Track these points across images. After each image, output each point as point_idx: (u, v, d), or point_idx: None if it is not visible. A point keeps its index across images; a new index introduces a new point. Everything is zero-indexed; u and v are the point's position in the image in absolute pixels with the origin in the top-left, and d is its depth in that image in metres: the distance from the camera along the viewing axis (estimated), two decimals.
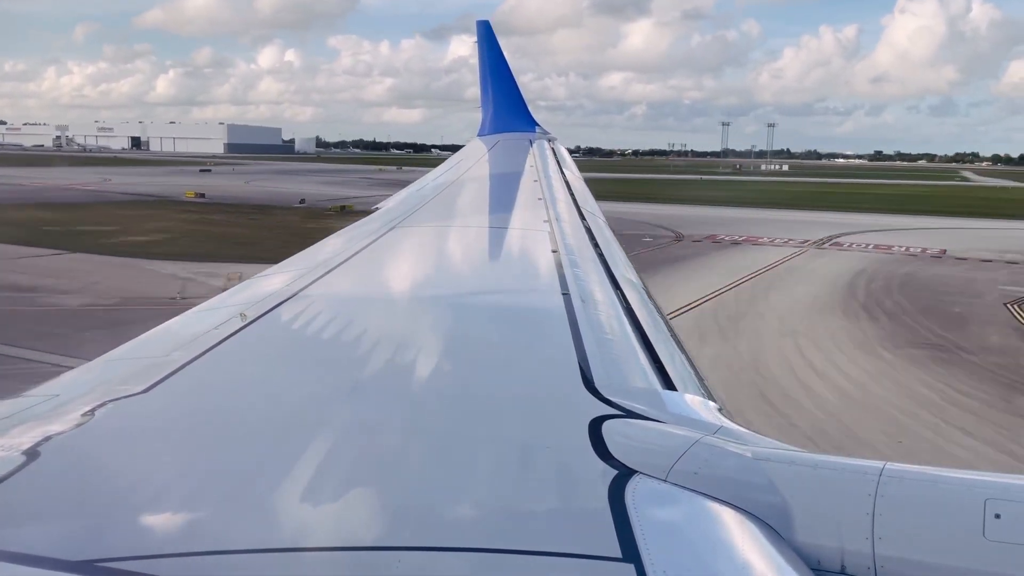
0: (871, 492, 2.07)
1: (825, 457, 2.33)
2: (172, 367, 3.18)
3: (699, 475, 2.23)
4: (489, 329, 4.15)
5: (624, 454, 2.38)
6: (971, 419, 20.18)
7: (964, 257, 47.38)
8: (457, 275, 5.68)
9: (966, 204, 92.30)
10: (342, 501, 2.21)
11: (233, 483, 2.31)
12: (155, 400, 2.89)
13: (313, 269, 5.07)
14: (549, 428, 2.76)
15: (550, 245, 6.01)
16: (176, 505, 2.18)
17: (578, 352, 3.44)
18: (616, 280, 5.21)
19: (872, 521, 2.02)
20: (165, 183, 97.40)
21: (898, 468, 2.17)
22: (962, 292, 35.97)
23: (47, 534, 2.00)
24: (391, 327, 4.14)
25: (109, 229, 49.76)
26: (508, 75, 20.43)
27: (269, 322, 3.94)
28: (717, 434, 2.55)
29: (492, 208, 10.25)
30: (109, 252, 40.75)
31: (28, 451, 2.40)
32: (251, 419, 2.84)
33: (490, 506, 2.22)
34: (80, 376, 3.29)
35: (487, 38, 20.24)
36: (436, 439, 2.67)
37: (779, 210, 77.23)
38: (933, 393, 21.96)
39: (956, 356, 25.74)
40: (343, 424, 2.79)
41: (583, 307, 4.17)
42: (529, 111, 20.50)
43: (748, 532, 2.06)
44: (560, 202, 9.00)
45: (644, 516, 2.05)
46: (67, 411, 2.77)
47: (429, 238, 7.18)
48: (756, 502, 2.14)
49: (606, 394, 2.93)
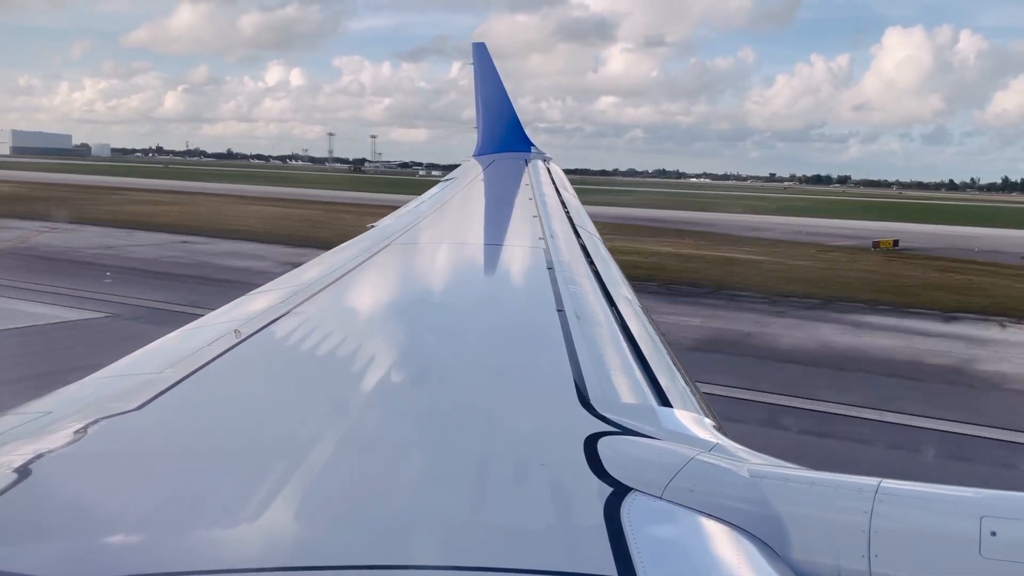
0: (867, 509, 2.07)
1: (821, 474, 2.33)
2: (165, 384, 3.16)
3: (695, 492, 2.22)
4: (484, 346, 4.15)
5: (619, 471, 2.37)
6: None
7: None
8: (452, 292, 5.69)
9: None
10: (335, 519, 2.20)
11: (227, 502, 2.29)
12: (148, 418, 2.87)
13: (308, 286, 5.05)
14: (544, 445, 2.76)
15: (545, 262, 6.03)
16: (169, 524, 2.16)
17: (573, 369, 3.44)
18: (611, 297, 5.22)
19: (868, 539, 2.01)
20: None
21: (894, 485, 2.17)
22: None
23: (39, 553, 1.97)
24: (385, 344, 4.13)
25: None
26: (504, 96, 20.61)
27: (263, 339, 3.93)
28: (713, 451, 2.55)
29: (487, 226, 10.28)
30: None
31: (19, 468, 2.38)
32: (245, 437, 2.83)
33: (485, 523, 2.21)
34: (73, 393, 3.27)
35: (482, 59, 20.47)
36: (431, 456, 2.66)
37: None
38: None
39: None
40: (336, 441, 2.77)
41: (578, 324, 4.17)
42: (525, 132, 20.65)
43: (744, 550, 2.05)
44: (555, 220, 9.03)
45: (640, 533, 2.04)
46: (59, 428, 2.75)
47: (423, 256, 7.18)
48: (752, 520, 2.14)
49: (601, 411, 2.92)
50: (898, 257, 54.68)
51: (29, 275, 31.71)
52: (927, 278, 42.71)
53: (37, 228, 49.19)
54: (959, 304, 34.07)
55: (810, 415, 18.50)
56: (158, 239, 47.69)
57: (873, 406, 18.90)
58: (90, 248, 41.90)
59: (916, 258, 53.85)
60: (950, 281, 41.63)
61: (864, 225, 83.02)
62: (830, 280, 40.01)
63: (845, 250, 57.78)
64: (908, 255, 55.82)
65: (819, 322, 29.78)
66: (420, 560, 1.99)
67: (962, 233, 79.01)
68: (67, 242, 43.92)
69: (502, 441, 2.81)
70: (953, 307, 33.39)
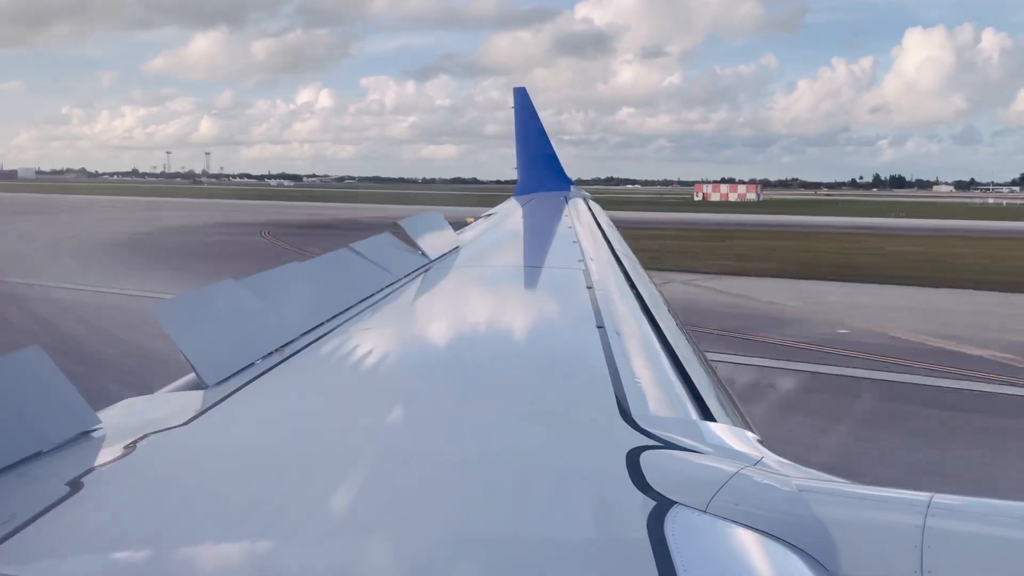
0: (919, 524, 2.00)
1: (870, 489, 2.27)
2: (215, 399, 3.22)
3: (740, 507, 2.18)
4: (527, 362, 4.18)
5: (663, 485, 2.34)
6: None
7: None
8: (495, 310, 5.82)
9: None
10: (380, 535, 2.21)
11: (273, 516, 2.32)
12: (196, 432, 2.93)
13: (355, 304, 5.18)
14: (587, 459, 2.74)
15: (585, 282, 6.14)
16: (217, 538, 2.19)
17: (614, 383, 3.43)
18: (651, 314, 5.22)
19: (920, 554, 1.95)
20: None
21: (946, 500, 2.10)
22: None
23: (88, 567, 2.02)
24: (433, 358, 4.24)
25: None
26: (543, 137, 21.08)
27: (311, 353, 4.00)
28: (758, 465, 2.50)
29: (528, 250, 10.47)
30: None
31: (71, 482, 2.44)
32: (293, 451, 2.86)
33: (529, 537, 2.19)
34: (122, 409, 3.35)
35: (524, 102, 20.97)
36: (474, 468, 2.67)
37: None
38: None
39: None
40: (383, 456, 2.80)
41: (618, 340, 4.18)
42: (564, 171, 20.99)
43: (792, 565, 2.00)
44: (593, 244, 9.18)
45: (684, 547, 2.01)
46: (109, 443, 2.82)
47: (469, 279, 7.30)
48: (799, 534, 2.08)
49: (643, 425, 2.90)
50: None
51: None
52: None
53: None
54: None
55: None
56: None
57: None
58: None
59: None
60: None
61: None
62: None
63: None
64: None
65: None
66: (464, 574, 1.99)
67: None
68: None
69: (545, 455, 2.80)
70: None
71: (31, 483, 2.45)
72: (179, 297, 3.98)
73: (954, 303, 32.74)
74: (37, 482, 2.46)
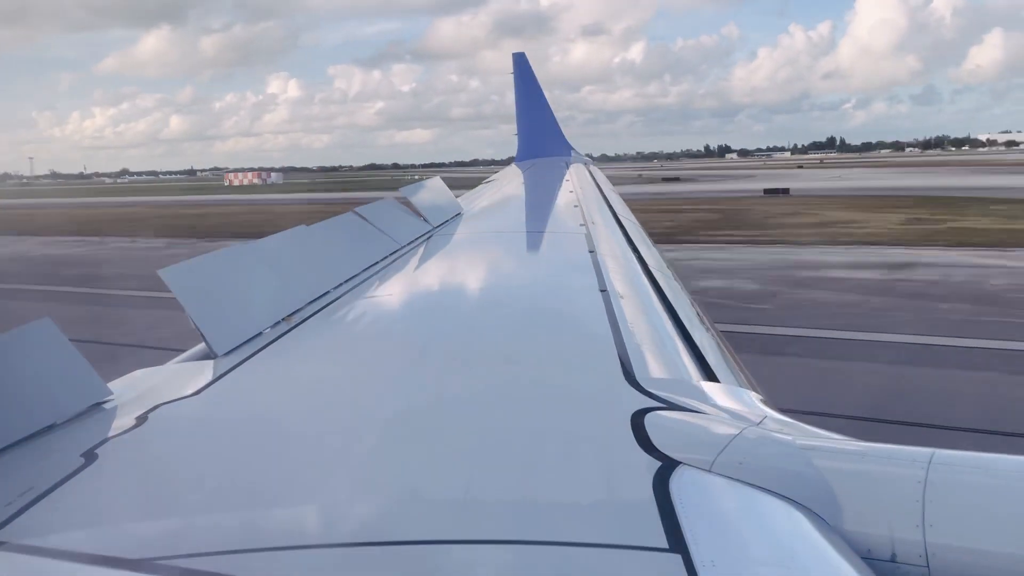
0: (921, 479, 2.03)
1: (872, 445, 2.29)
2: (224, 368, 3.25)
3: (744, 465, 2.21)
4: (531, 325, 4.21)
5: (667, 445, 2.37)
6: None
7: None
8: (500, 275, 5.85)
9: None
10: (389, 495, 2.25)
11: (287, 479, 2.36)
12: (206, 403, 2.96)
13: (361, 272, 5.21)
14: (592, 420, 2.77)
15: (587, 246, 6.13)
16: (229, 507, 2.23)
17: (618, 346, 3.45)
18: (653, 276, 5.24)
19: (922, 508, 1.98)
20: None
21: (948, 454, 2.13)
22: None
23: (106, 534, 2.06)
24: (439, 323, 4.28)
25: None
26: (543, 103, 20.83)
27: (320, 321, 4.04)
28: (761, 425, 2.53)
29: (530, 216, 10.44)
30: None
31: (85, 453, 2.48)
32: (303, 421, 2.90)
33: (535, 498, 2.23)
34: (134, 380, 3.39)
35: (522, 68, 20.72)
36: (480, 432, 2.70)
37: None
38: None
39: None
40: (388, 419, 2.83)
41: (621, 302, 4.19)
42: (564, 136, 20.79)
43: (796, 521, 2.03)
44: (595, 209, 9.18)
45: (689, 506, 2.04)
46: (121, 415, 2.86)
47: (472, 245, 7.31)
48: (803, 491, 2.11)
49: (647, 387, 2.93)
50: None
51: None
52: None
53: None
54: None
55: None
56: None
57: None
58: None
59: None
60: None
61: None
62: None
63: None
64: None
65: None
66: (472, 535, 2.02)
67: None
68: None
69: (550, 416, 2.83)
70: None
71: (46, 455, 2.50)
72: (188, 263, 3.99)
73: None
74: (52, 454, 2.50)
